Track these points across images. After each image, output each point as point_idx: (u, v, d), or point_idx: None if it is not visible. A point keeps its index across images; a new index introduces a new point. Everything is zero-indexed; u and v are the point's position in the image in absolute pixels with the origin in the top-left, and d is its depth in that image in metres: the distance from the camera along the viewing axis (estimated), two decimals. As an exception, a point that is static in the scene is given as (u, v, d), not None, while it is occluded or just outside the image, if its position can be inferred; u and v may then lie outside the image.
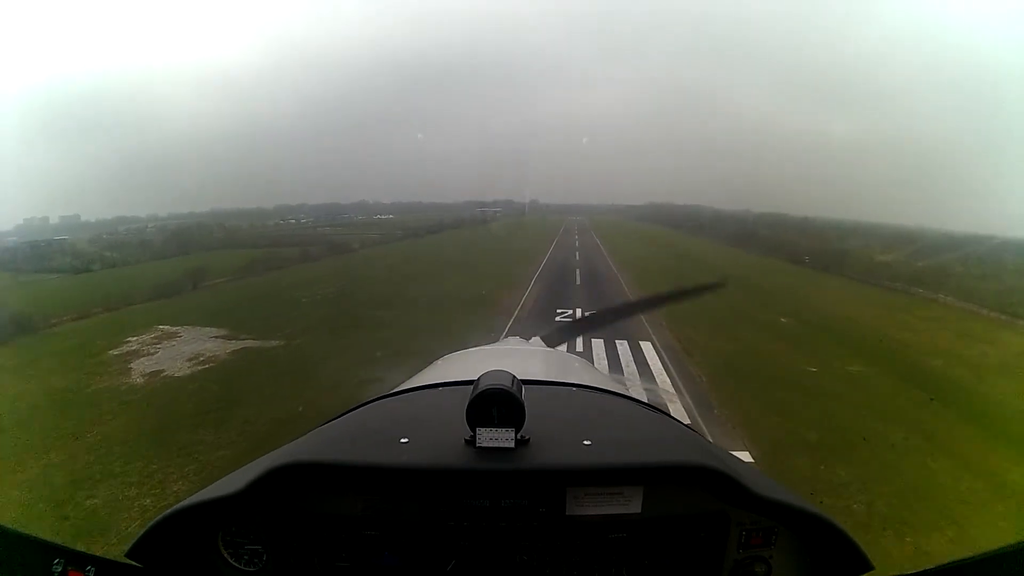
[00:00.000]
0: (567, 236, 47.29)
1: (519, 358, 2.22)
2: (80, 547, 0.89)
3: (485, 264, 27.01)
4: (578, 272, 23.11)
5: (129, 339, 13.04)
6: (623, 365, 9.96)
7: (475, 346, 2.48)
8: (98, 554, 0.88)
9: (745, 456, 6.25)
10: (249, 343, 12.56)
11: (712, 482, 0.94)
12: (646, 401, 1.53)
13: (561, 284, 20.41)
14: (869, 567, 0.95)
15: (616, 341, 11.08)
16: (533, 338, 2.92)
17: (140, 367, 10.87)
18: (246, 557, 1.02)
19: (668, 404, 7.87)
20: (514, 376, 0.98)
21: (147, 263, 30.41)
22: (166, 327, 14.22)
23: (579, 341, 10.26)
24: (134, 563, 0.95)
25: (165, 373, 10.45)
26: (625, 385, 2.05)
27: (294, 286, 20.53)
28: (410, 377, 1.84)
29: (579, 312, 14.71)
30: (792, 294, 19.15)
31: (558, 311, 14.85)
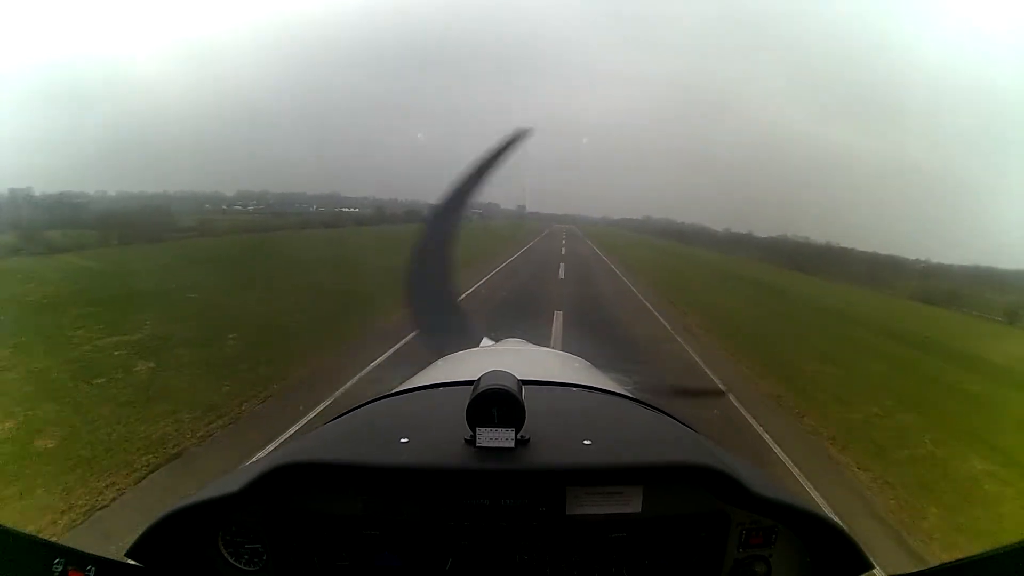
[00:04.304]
0: (550, 241, 36.10)
1: (519, 358, 2.20)
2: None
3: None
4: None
5: None
6: None
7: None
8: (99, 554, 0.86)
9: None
10: None
11: (712, 482, 0.93)
12: (646, 401, 1.49)
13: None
14: (869, 567, 0.95)
15: None
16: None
17: None
18: (246, 557, 1.01)
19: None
20: (514, 376, 0.97)
21: None
22: None
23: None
24: (134, 563, 0.94)
25: None
26: (625, 385, 1.85)
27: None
28: (411, 377, 1.80)
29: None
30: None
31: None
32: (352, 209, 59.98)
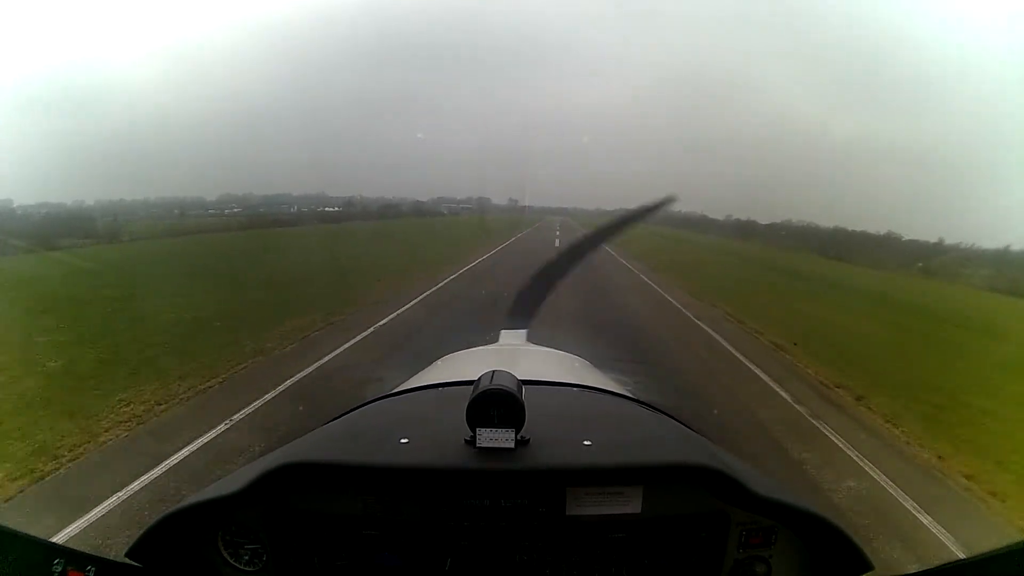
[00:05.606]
0: (543, 232, 31.26)
1: (520, 358, 2.19)
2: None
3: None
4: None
5: None
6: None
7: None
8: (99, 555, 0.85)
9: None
10: None
11: (712, 482, 0.93)
12: (647, 401, 1.49)
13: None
14: (869, 567, 0.94)
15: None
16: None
17: None
18: (246, 557, 1.01)
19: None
20: (515, 376, 0.97)
21: None
22: None
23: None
24: (134, 563, 0.94)
25: None
26: (626, 385, 1.84)
27: None
28: (410, 377, 1.80)
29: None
30: None
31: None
32: (336, 208, 61.85)
